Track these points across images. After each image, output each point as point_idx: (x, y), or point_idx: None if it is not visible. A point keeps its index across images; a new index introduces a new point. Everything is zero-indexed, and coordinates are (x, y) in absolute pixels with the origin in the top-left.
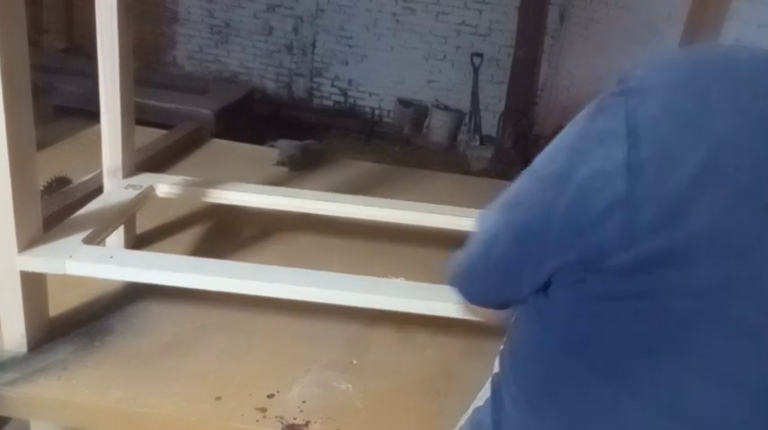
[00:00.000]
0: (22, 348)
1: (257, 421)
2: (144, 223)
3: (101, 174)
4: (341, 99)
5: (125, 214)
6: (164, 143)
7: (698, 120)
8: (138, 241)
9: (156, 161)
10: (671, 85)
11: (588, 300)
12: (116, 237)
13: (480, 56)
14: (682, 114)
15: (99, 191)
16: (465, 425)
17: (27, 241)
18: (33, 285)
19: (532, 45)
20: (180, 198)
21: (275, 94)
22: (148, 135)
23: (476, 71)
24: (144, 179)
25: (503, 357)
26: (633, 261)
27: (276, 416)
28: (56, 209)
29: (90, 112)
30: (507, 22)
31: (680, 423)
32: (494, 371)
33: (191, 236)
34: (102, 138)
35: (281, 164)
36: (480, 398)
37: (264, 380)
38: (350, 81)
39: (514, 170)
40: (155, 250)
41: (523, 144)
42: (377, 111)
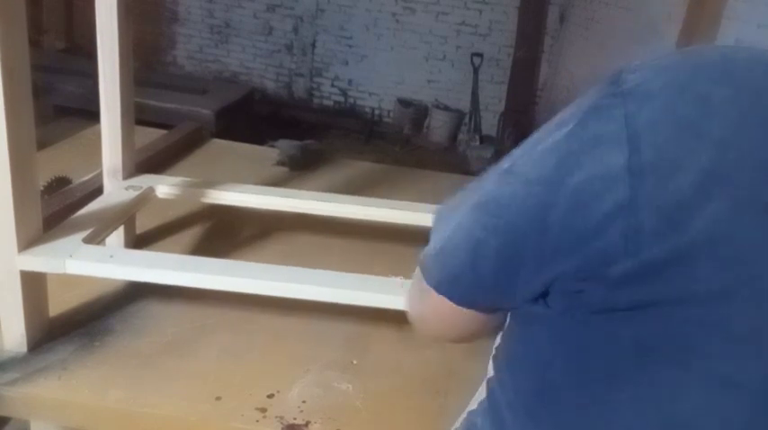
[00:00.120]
0: (22, 348)
1: (257, 421)
2: (144, 223)
3: (101, 175)
4: (341, 99)
5: (125, 214)
6: (164, 143)
7: (699, 125)
8: (138, 241)
9: (156, 161)
10: (671, 87)
11: (587, 308)
12: (116, 237)
13: (480, 56)
14: (683, 118)
15: (99, 191)
16: (459, 427)
17: (27, 241)
18: (33, 285)
19: (532, 45)
20: (180, 198)
21: (275, 94)
22: (148, 135)
23: (476, 71)
24: (144, 180)
25: (497, 362)
26: (636, 268)
27: (276, 416)
28: (56, 209)
29: (90, 112)
30: (507, 22)
31: (680, 424)
32: (487, 375)
33: (190, 236)
34: (102, 139)
35: (280, 164)
36: (474, 401)
37: (264, 380)
38: (350, 81)
39: None
40: (155, 250)
41: None
42: (377, 111)
